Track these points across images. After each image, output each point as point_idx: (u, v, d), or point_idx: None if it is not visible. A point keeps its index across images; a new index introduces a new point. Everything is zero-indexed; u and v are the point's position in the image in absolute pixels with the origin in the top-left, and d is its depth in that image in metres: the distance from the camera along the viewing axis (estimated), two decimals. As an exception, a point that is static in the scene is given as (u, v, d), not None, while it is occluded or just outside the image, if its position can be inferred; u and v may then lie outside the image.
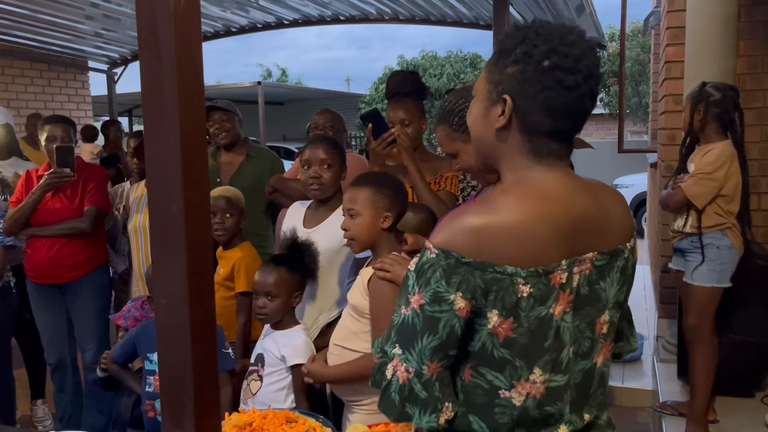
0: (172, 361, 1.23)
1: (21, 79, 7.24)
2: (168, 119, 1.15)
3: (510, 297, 1.03)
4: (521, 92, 1.10)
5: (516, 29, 1.16)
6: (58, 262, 3.18)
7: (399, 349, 1.08)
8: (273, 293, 2.17)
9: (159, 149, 1.17)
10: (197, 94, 1.19)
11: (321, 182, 2.43)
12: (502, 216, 1.05)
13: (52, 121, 3.25)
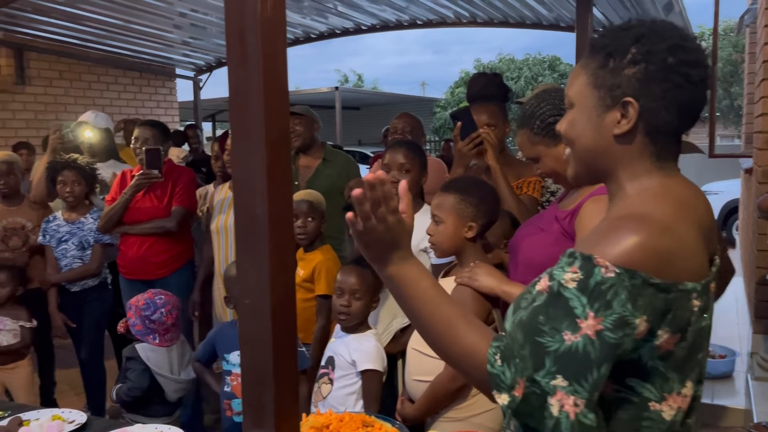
0: (255, 361, 1.25)
1: (115, 86, 7.63)
2: (253, 122, 1.17)
3: (685, 314, 0.99)
4: (646, 93, 1.06)
5: (620, 30, 1.11)
6: (147, 259, 3.33)
7: (563, 381, 0.94)
8: (358, 294, 2.18)
9: (245, 152, 1.19)
10: (282, 98, 1.21)
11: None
12: (672, 229, 1.00)
13: (143, 124, 3.42)
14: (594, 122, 1.11)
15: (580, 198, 1.71)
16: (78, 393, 3.77)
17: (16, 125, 6.59)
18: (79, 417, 1.89)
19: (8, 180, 3.61)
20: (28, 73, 6.75)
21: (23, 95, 6.70)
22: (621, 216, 1.05)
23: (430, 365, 1.92)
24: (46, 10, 5.83)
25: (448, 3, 6.16)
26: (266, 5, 1.13)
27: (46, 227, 3.49)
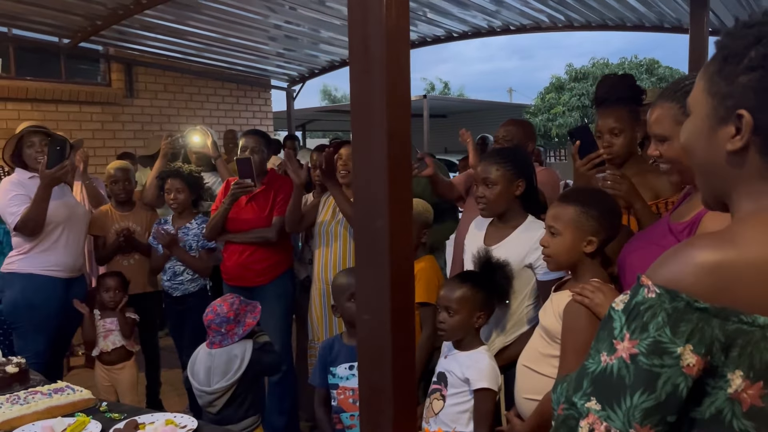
0: (373, 375, 1.22)
1: (214, 97, 7.94)
2: (376, 132, 1.14)
3: (762, 355, 0.83)
4: (762, 105, 0.91)
5: (743, 27, 0.96)
6: (247, 267, 3.39)
7: (597, 404, 0.89)
8: (453, 309, 2.12)
9: (366, 163, 1.16)
10: (404, 107, 1.18)
11: (485, 201, 2.37)
12: (748, 250, 0.86)
13: (246, 133, 3.50)
14: (706, 134, 0.98)
15: (695, 209, 1.57)
16: (180, 394, 3.90)
17: (125, 136, 6.97)
18: (190, 423, 1.93)
19: (124, 186, 3.81)
20: (136, 87, 7.13)
21: (132, 107, 7.08)
22: (700, 234, 0.93)
23: (542, 383, 1.83)
24: (154, 26, 6.13)
25: (542, 7, 6.00)
26: (391, 13, 1.10)
27: (155, 231, 3.64)
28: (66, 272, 3.35)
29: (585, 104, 21.54)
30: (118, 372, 3.51)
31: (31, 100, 6.20)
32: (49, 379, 3.21)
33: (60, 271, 3.33)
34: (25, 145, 3.34)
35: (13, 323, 3.29)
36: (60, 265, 3.32)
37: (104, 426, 1.90)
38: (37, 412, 1.94)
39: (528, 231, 2.34)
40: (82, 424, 1.91)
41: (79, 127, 6.53)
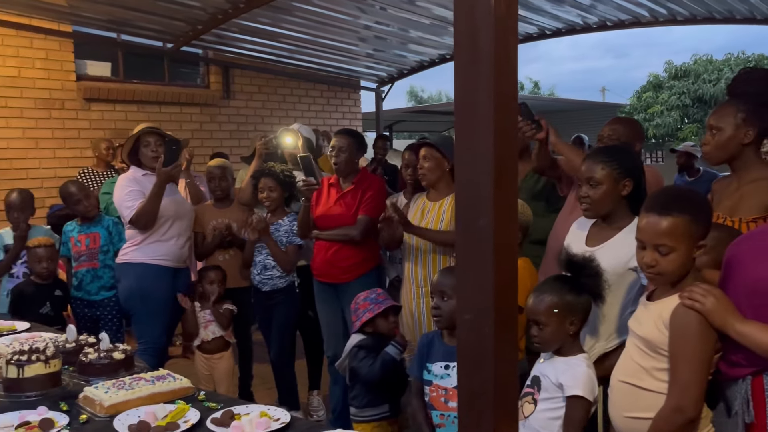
0: (474, 377, 1.18)
1: (305, 98, 8.11)
2: (481, 127, 1.10)
3: None
4: None
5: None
6: (333, 264, 3.44)
7: None
8: (542, 321, 2.02)
9: (470, 159, 1.13)
10: (511, 102, 1.13)
11: (589, 201, 2.25)
12: None
13: (339, 133, 3.56)
14: None
15: None
16: (270, 388, 3.99)
17: (221, 136, 7.24)
18: (283, 416, 1.95)
19: (221, 184, 3.95)
20: (232, 89, 7.39)
21: (228, 108, 7.34)
22: None
23: (648, 399, 1.72)
24: (251, 30, 6.34)
25: (642, 0, 5.73)
26: (500, 1, 1.05)
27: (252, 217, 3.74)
28: (173, 262, 3.54)
29: (686, 103, 20.45)
30: (216, 361, 3.65)
31: (137, 102, 6.55)
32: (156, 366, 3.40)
33: (168, 261, 3.51)
34: (142, 145, 3.53)
35: (130, 311, 3.50)
36: (168, 255, 3.51)
37: (202, 414, 1.96)
38: (141, 397, 2.02)
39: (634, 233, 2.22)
40: (182, 411, 1.97)
41: (179, 127, 6.83)
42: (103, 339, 2.32)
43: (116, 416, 1.92)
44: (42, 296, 3.68)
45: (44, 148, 5.95)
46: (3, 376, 2.06)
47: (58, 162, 5.98)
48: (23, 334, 2.76)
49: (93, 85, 6.22)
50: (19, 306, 3.61)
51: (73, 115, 6.13)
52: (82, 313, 3.85)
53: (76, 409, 2.00)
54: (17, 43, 5.74)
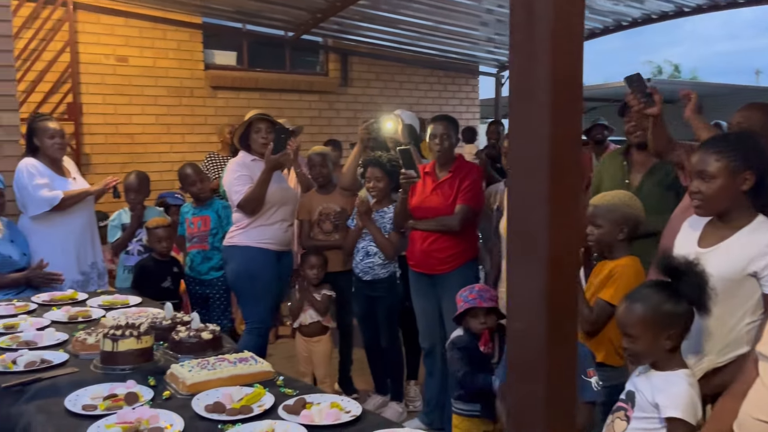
0: (523, 391, 1.06)
1: (422, 85, 8.05)
2: (536, 109, 0.98)
3: None
4: None
5: None
6: (430, 254, 3.35)
7: None
8: (633, 335, 1.81)
9: (524, 146, 1.00)
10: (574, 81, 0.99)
11: (701, 197, 1.98)
12: None
13: (436, 119, 3.46)
14: None
15: None
16: (366, 374, 3.99)
17: (338, 123, 7.36)
18: (355, 408, 1.92)
19: (322, 170, 3.99)
20: (350, 76, 7.49)
21: (346, 96, 7.45)
22: None
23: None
24: (371, 17, 6.37)
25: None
26: (559, -32, 0.92)
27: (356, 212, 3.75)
28: (278, 246, 3.63)
29: None
30: (314, 344, 3.71)
31: (259, 90, 6.80)
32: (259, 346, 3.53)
33: (273, 244, 3.60)
34: (253, 131, 3.64)
35: (237, 292, 3.64)
36: (273, 239, 3.60)
37: (277, 400, 1.96)
38: (221, 378, 2.07)
39: (755, 233, 1.94)
40: (257, 395, 1.99)
41: (298, 114, 7.02)
42: (193, 319, 2.41)
43: (196, 395, 1.98)
44: (162, 272, 3.92)
45: (175, 134, 6.34)
46: (101, 348, 2.19)
47: (186, 146, 6.35)
48: (133, 309, 2.93)
49: (219, 73, 6.54)
50: (141, 281, 3.87)
51: (201, 103, 6.47)
52: (194, 290, 4.06)
53: (163, 385, 2.08)
54: (153, 35, 6.15)
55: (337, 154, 5.52)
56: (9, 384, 2.01)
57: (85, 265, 3.92)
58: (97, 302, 3.04)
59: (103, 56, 5.86)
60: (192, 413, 1.87)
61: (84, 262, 3.91)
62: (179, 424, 1.79)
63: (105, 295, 3.22)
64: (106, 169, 5.66)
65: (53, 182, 3.76)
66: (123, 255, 4.06)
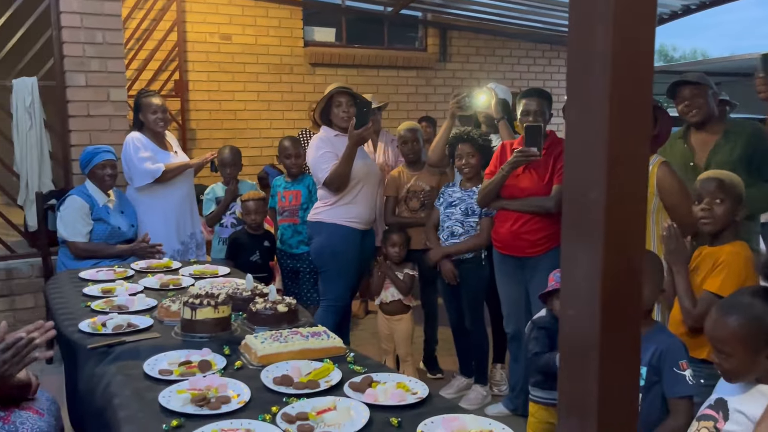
0: (574, 388, 0.95)
1: (525, 59, 7.74)
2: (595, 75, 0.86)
3: None
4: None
5: None
6: (520, 236, 3.20)
7: None
8: (725, 351, 1.58)
9: (580, 113, 0.89)
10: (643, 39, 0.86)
11: None
12: None
13: (528, 94, 3.26)
14: None
15: None
16: (454, 354, 3.92)
17: (435, 99, 7.24)
18: (422, 390, 1.86)
19: (414, 146, 3.92)
20: (449, 51, 7.32)
21: (444, 71, 7.30)
22: None
23: None
24: (472, -11, 6.18)
25: None
26: None
27: (444, 191, 3.67)
28: (362, 224, 3.61)
29: None
30: (395, 323, 3.68)
31: (357, 66, 6.80)
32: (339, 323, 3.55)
33: (358, 222, 3.59)
34: (334, 105, 3.62)
35: (320, 267, 3.68)
36: (358, 217, 3.59)
37: (344, 376, 1.95)
38: (292, 351, 2.07)
39: None
40: (326, 370, 1.98)
41: (395, 90, 6.97)
42: (270, 291, 2.43)
43: (266, 367, 1.99)
44: (253, 246, 4.03)
45: (275, 110, 6.49)
46: (181, 316, 2.26)
47: (285, 123, 6.48)
48: (220, 279, 3.02)
49: (318, 50, 6.60)
50: (233, 253, 4.00)
51: (300, 80, 6.57)
52: (284, 264, 4.15)
53: (236, 355, 2.12)
54: (255, 13, 6.28)
55: (431, 131, 5.44)
56: (95, 345, 2.12)
57: (184, 235, 4.10)
58: (189, 271, 3.17)
59: (207, 35, 6.06)
60: (260, 384, 1.89)
61: (183, 232, 4.10)
62: (246, 394, 1.81)
63: (197, 264, 3.35)
64: (209, 144, 5.90)
65: (156, 155, 3.95)
66: (217, 227, 4.20)
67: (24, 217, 4.45)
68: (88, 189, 3.76)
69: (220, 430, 1.60)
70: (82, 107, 4.32)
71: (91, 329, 2.27)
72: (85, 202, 3.70)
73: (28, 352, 1.80)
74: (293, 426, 1.65)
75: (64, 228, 3.69)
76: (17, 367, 1.78)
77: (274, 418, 1.68)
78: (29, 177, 4.31)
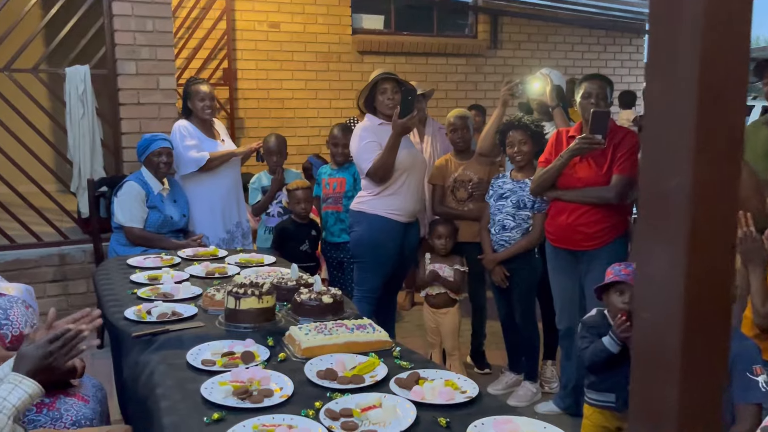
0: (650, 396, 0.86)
1: (579, 46, 7.50)
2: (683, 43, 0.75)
3: None
4: None
5: None
6: (575, 229, 3.06)
7: None
8: None
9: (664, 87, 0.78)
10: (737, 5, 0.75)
11: None
12: None
13: (589, 78, 3.11)
14: None
15: None
16: (503, 349, 3.81)
17: (485, 87, 7.09)
18: (471, 388, 1.77)
19: (464, 134, 3.80)
20: (500, 38, 7.15)
21: (494, 59, 7.13)
22: None
23: None
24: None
25: None
26: None
27: (494, 183, 3.54)
28: (405, 217, 3.50)
29: None
30: (442, 316, 3.59)
31: (405, 54, 6.70)
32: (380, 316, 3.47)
33: (400, 215, 3.48)
34: (378, 92, 3.52)
35: (358, 257, 3.60)
36: (401, 209, 3.48)
37: (390, 371, 1.87)
38: (336, 344, 2.01)
39: None
40: (371, 365, 1.91)
41: (444, 78, 6.84)
42: (315, 282, 2.38)
43: (310, 359, 1.94)
44: (301, 235, 3.99)
45: (322, 99, 6.45)
46: (225, 305, 2.22)
47: (333, 112, 6.44)
48: (265, 268, 2.99)
49: (366, 38, 6.52)
50: (280, 242, 3.97)
51: (348, 68, 6.51)
52: (329, 254, 4.10)
53: (280, 346, 2.07)
54: (303, 1, 6.25)
55: (480, 120, 5.30)
56: (139, 334, 2.11)
57: (230, 223, 4.10)
58: (235, 260, 3.14)
59: (256, 23, 6.06)
60: (303, 377, 1.83)
61: (229, 221, 4.09)
62: (289, 388, 1.76)
63: (243, 253, 3.32)
64: (257, 133, 5.90)
65: (202, 143, 3.95)
66: (264, 216, 4.18)
67: (77, 204, 4.52)
68: (144, 176, 3.78)
69: (261, 425, 1.55)
70: (133, 95, 4.36)
71: (136, 317, 2.26)
72: (141, 189, 3.72)
73: (76, 343, 1.78)
74: (337, 423, 1.59)
75: (121, 213, 3.71)
76: (65, 358, 1.77)
77: (317, 414, 1.62)
78: (82, 164, 4.38)
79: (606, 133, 2.91)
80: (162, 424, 1.63)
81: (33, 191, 4.41)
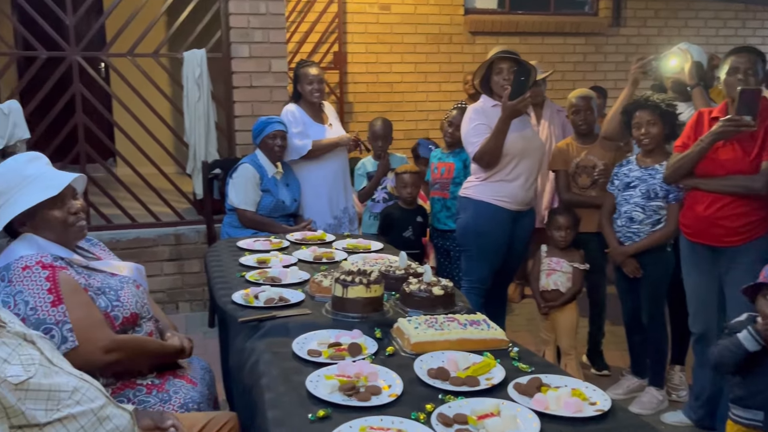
0: None
1: (713, 21, 6.85)
2: None
3: None
4: None
5: None
6: (716, 222, 2.72)
7: None
8: None
9: None
10: None
11: None
12: None
13: (738, 51, 2.73)
14: None
15: None
16: (623, 350, 3.52)
17: (605, 68, 6.64)
18: (603, 401, 1.56)
19: (585, 116, 3.53)
20: (623, 14, 6.65)
21: (616, 37, 6.66)
22: None
23: None
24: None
25: None
26: None
27: (618, 171, 3.24)
28: (515, 205, 3.29)
29: None
30: (557, 313, 3.35)
31: (519, 34, 6.38)
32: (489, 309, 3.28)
33: (509, 203, 3.27)
34: (494, 72, 3.31)
35: (463, 246, 3.43)
36: (510, 197, 3.27)
37: (508, 375, 1.71)
38: (448, 340, 1.86)
39: None
40: (486, 366, 1.75)
41: (561, 59, 6.47)
42: (425, 271, 2.24)
43: (420, 355, 1.81)
44: (406, 221, 3.87)
45: (431, 82, 6.28)
46: (332, 293, 2.13)
47: (442, 95, 6.26)
48: (372, 254, 2.89)
49: (479, 18, 6.27)
50: (385, 228, 3.88)
51: (459, 49, 6.29)
52: (437, 242, 3.95)
53: (388, 339, 1.96)
54: (414, -20, 6.08)
55: (601, 102, 4.94)
56: (245, 319, 2.06)
57: (337, 209, 4.04)
58: (342, 245, 3.07)
59: (367, 5, 5.96)
60: (413, 375, 1.71)
61: (336, 206, 4.03)
62: (398, 386, 1.63)
63: (350, 238, 3.24)
64: (366, 117, 5.80)
65: (308, 129, 3.90)
66: (369, 202, 4.10)
67: (192, 186, 4.64)
68: (259, 159, 3.79)
69: (369, 428, 1.43)
70: (245, 78, 4.39)
71: (243, 301, 2.21)
72: (256, 172, 3.73)
73: None
74: (450, 430, 1.45)
75: (235, 195, 3.74)
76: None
77: (428, 418, 1.49)
78: (197, 147, 4.47)
79: (756, 114, 2.56)
80: (266, 417, 1.56)
81: (153, 173, 4.56)
